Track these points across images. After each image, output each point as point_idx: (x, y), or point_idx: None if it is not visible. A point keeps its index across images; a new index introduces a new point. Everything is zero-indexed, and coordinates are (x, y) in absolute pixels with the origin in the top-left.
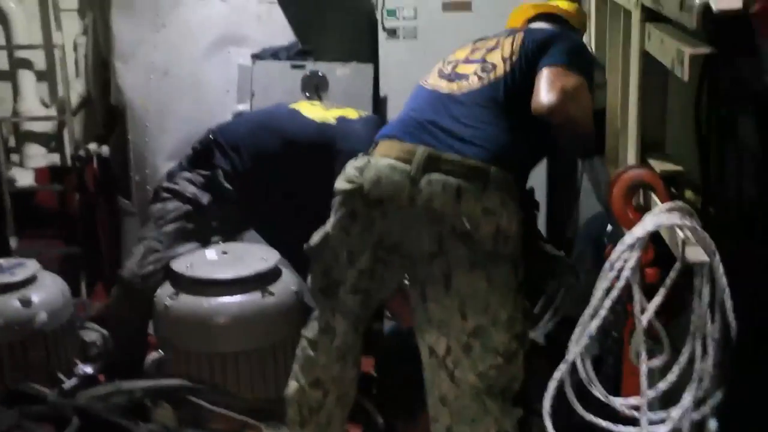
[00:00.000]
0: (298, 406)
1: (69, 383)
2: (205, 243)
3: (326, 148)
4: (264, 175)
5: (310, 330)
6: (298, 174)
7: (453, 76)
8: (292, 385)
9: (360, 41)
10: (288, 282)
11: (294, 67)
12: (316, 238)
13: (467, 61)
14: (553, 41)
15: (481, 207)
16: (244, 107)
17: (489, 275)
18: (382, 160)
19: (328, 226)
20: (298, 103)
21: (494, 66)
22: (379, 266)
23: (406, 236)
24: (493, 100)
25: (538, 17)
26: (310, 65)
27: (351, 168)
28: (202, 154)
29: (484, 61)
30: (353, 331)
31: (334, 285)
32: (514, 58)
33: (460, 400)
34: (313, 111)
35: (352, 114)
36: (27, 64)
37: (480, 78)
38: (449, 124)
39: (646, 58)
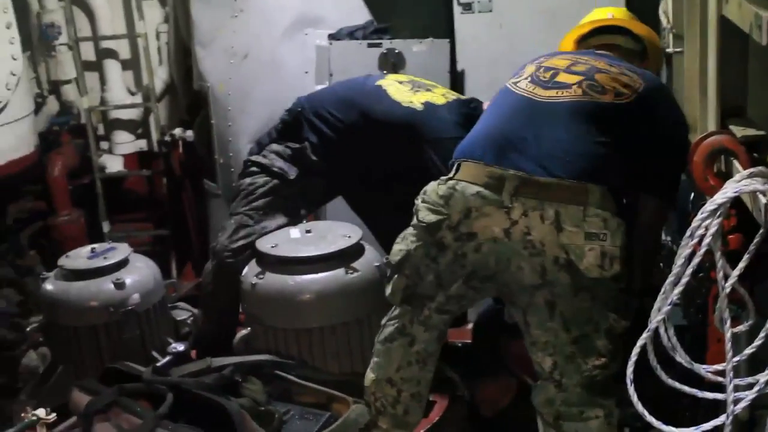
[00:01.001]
0: (374, 397)
1: (163, 361)
2: (294, 215)
3: (410, 132)
4: (348, 148)
5: (388, 329)
6: (382, 150)
7: (551, 84)
8: (369, 377)
9: (435, 17)
10: (371, 258)
11: (371, 45)
12: (396, 255)
13: (570, 71)
14: (667, 117)
15: (584, 233)
16: (322, 88)
17: (594, 295)
18: (469, 187)
19: (410, 244)
20: (386, 78)
21: (604, 89)
22: (471, 292)
23: (503, 270)
24: (593, 116)
25: (599, 32)
26: (387, 43)
27: (434, 195)
28: (291, 126)
29: (592, 78)
30: (436, 342)
31: (419, 298)
32: (625, 96)
33: (566, 401)
34: (400, 93)
35: (438, 98)
36: (112, 54)
37: (585, 93)
38: (541, 139)
39: (724, 23)
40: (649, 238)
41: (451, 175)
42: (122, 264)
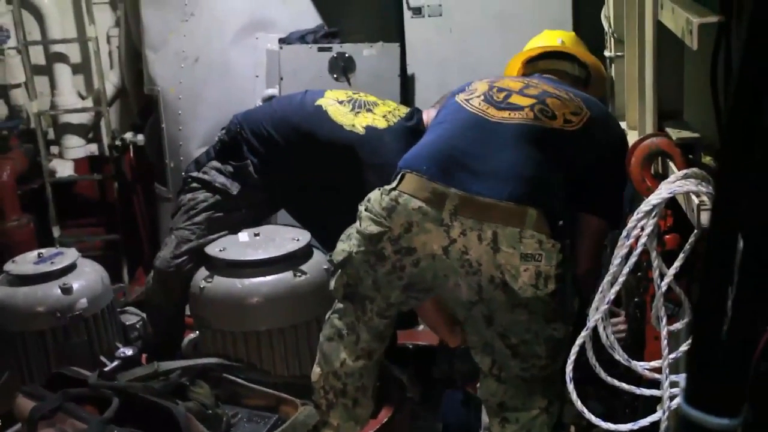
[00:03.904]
0: (323, 391)
1: (110, 366)
2: (235, 231)
3: (352, 155)
4: (289, 166)
5: (333, 323)
6: (323, 168)
7: (504, 105)
8: (316, 371)
9: (385, 21)
10: (319, 261)
11: (321, 49)
12: (338, 255)
13: (523, 93)
14: (610, 142)
15: (519, 254)
16: (273, 91)
17: (530, 310)
18: (411, 201)
19: (352, 246)
20: (325, 98)
21: (554, 115)
22: (412, 300)
23: (440, 285)
24: (541, 140)
25: (548, 56)
26: (337, 47)
27: (377, 205)
28: (230, 146)
29: (544, 103)
30: (378, 340)
31: (359, 297)
32: (573, 123)
33: (507, 392)
34: (341, 114)
35: (380, 121)
36: (62, 58)
37: (536, 117)
38: (487, 158)
39: (661, 28)
40: (592, 258)
41: (394, 185)
42: (69, 269)
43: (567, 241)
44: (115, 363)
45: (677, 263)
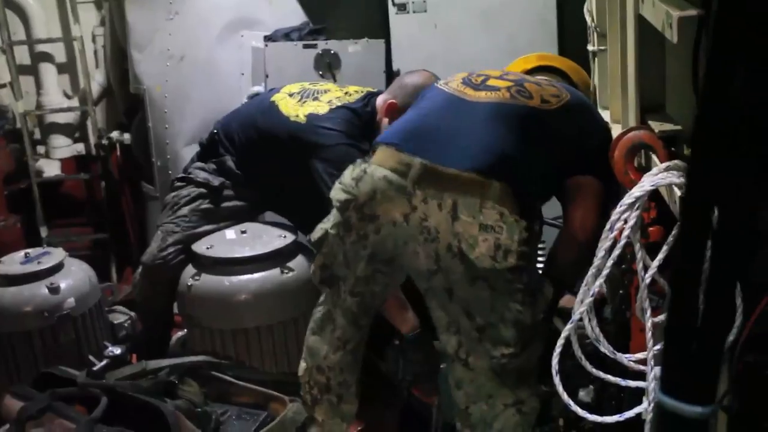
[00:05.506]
0: (308, 386)
1: (98, 365)
2: (219, 222)
3: (297, 145)
4: (258, 164)
5: (315, 316)
6: (288, 165)
7: (481, 87)
8: (302, 366)
9: (370, 17)
10: (306, 258)
11: (306, 46)
12: (316, 233)
13: (501, 78)
14: (592, 130)
15: (478, 224)
16: (258, 89)
17: (492, 284)
18: (378, 170)
19: (329, 223)
20: (280, 92)
21: (531, 95)
22: (379, 275)
23: (401, 253)
24: (516, 118)
25: (540, 69)
26: (322, 44)
27: (348, 176)
28: (208, 148)
29: (521, 85)
30: (353, 326)
31: (335, 279)
32: (550, 104)
33: (475, 381)
34: (289, 106)
35: (322, 107)
36: (48, 57)
37: (513, 96)
38: (458, 133)
39: (642, 22)
40: (590, 223)
41: (366, 158)
42: (57, 268)
43: (537, 224)
44: (104, 362)
45: (661, 255)
